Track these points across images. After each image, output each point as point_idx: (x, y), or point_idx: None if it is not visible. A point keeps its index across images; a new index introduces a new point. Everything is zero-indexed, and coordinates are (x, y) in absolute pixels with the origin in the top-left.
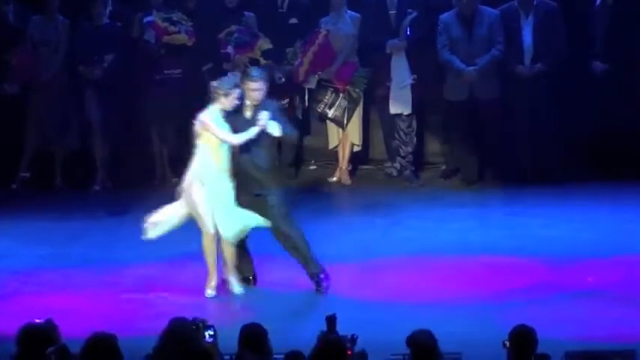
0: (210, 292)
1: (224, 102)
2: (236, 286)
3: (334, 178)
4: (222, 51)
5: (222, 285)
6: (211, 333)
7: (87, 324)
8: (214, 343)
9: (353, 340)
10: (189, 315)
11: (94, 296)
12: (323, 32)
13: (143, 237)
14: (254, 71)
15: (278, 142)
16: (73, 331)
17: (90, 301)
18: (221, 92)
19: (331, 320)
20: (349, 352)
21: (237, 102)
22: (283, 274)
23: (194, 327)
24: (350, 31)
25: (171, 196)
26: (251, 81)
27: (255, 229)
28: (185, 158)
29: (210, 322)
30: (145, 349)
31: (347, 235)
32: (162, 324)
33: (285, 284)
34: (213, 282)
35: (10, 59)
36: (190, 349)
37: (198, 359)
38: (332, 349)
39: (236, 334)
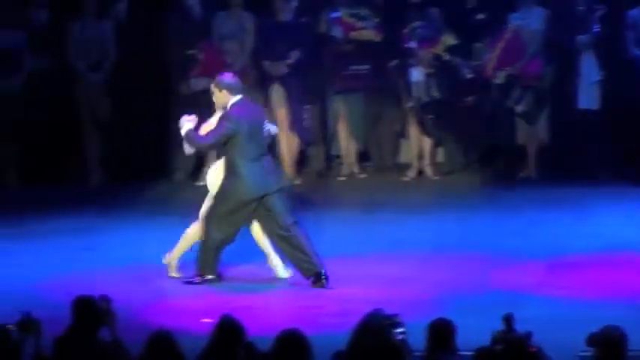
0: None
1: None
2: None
3: (522, 174)
4: (404, 46)
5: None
6: (402, 330)
7: (275, 321)
8: (405, 340)
9: (528, 336)
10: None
11: (283, 292)
12: (512, 28)
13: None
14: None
15: None
16: (261, 328)
17: (278, 297)
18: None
19: (508, 319)
20: (534, 350)
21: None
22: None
23: (387, 323)
24: (538, 27)
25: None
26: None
27: None
28: (369, 153)
29: (400, 318)
30: (332, 346)
31: (534, 231)
32: (351, 320)
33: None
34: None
35: (196, 55)
36: (383, 345)
37: (390, 356)
38: (515, 348)
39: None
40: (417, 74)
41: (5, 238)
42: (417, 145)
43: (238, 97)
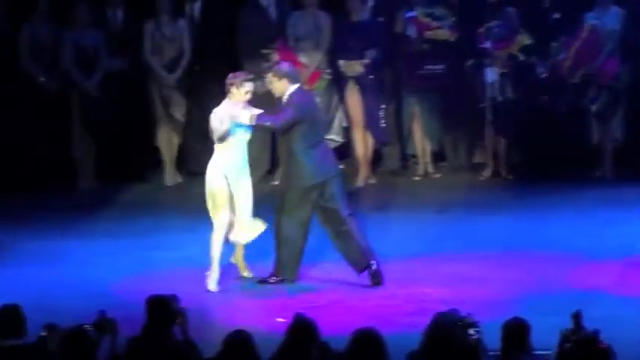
0: (212, 286)
1: (236, 94)
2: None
3: (597, 173)
4: (479, 46)
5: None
6: (476, 329)
7: (351, 320)
8: (479, 339)
9: (597, 334)
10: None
11: (357, 292)
12: (588, 27)
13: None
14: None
15: None
16: (335, 327)
17: (353, 296)
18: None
19: (577, 317)
20: (603, 347)
21: (248, 95)
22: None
23: (459, 323)
24: (615, 26)
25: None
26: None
27: None
28: (444, 152)
29: (474, 318)
30: (407, 346)
31: (608, 231)
32: (425, 320)
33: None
34: (215, 275)
35: (271, 55)
36: (457, 345)
37: (465, 355)
38: (584, 346)
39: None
40: (491, 74)
41: (81, 238)
42: (492, 144)
43: (296, 85)
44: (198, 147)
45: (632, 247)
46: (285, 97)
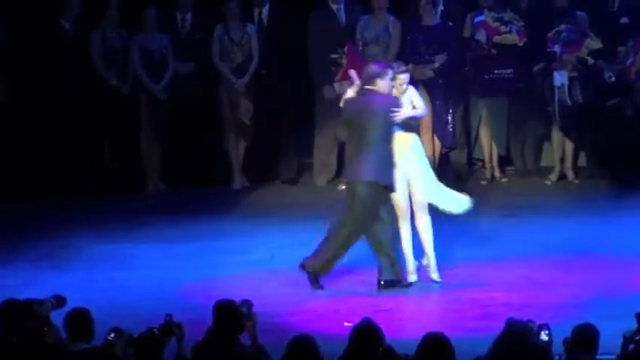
0: (413, 277)
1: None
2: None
3: None
4: (548, 49)
5: None
6: (547, 332)
7: (415, 325)
8: (550, 343)
9: None
10: (521, 315)
11: (422, 296)
12: None
13: None
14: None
15: None
16: (401, 331)
17: (418, 301)
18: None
19: None
20: None
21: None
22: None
23: (530, 327)
24: None
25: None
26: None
27: None
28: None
29: (544, 322)
30: (474, 351)
31: None
32: (491, 324)
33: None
34: (411, 266)
35: (340, 59)
36: (528, 349)
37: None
38: None
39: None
40: (560, 78)
41: (149, 241)
42: (559, 148)
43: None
44: (264, 151)
45: None
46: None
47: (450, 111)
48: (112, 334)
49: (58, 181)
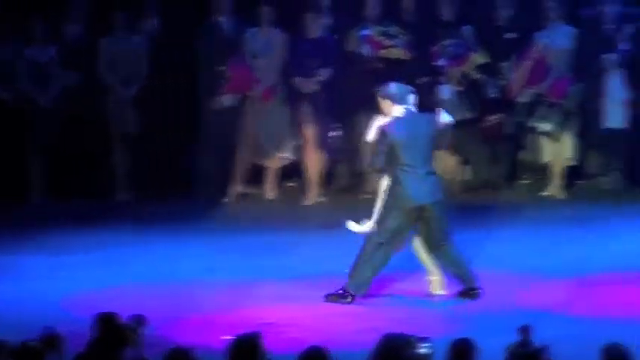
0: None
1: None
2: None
3: (548, 193)
4: (434, 63)
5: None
6: (427, 345)
7: (299, 337)
8: (429, 356)
9: (545, 350)
10: (402, 330)
11: (307, 309)
12: (538, 46)
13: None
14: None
15: None
16: (285, 344)
17: (303, 314)
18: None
19: (525, 331)
20: None
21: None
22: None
23: (407, 342)
24: (565, 45)
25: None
26: None
27: None
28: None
29: (425, 336)
30: None
31: (560, 250)
32: (373, 338)
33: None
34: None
35: (226, 71)
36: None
37: None
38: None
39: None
40: (447, 92)
41: (31, 253)
42: (442, 162)
43: (403, 106)
44: (150, 163)
45: (582, 265)
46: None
47: (335, 124)
48: None
49: None
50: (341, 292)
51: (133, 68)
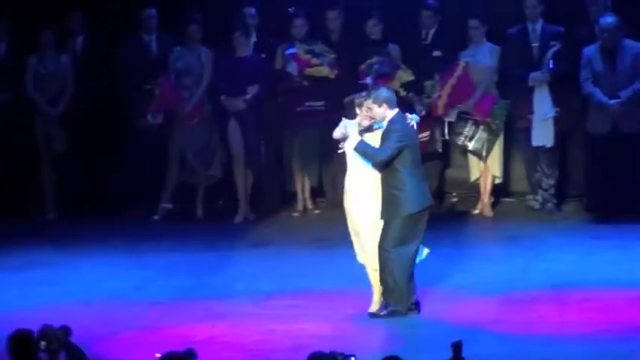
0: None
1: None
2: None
3: (476, 211)
4: (360, 82)
5: None
6: None
7: (228, 355)
8: None
9: None
10: (331, 347)
11: (236, 327)
12: (461, 64)
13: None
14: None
15: None
16: None
17: (231, 332)
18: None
19: (456, 347)
20: None
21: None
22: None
23: (335, 358)
24: (489, 63)
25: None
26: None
27: None
28: (322, 188)
29: (351, 354)
30: None
31: (488, 268)
32: (300, 356)
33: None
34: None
35: (153, 90)
36: None
37: None
38: None
39: None
40: None
41: None
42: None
43: (396, 110)
44: (78, 182)
45: (510, 283)
46: (384, 123)
47: (262, 142)
48: None
49: None
50: (384, 313)
51: (60, 87)
